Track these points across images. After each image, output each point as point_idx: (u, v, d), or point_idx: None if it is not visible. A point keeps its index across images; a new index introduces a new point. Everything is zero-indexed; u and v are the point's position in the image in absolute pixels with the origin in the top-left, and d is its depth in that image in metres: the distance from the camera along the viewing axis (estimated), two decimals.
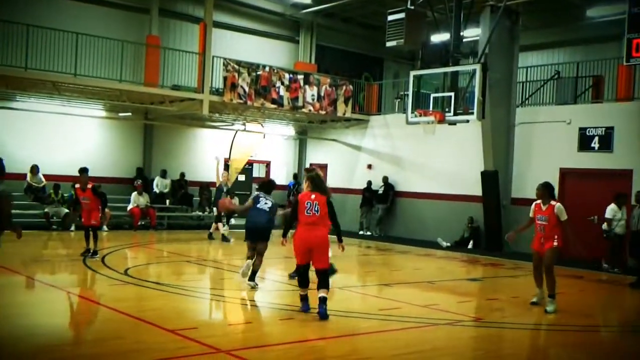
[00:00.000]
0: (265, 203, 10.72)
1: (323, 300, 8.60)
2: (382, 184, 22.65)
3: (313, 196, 8.86)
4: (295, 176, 25.15)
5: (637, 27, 15.36)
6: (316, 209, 8.79)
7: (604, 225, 15.72)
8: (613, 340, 8.59)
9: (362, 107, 24.75)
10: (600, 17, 21.47)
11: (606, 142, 17.43)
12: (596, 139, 17.64)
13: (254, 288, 10.54)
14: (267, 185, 11.14)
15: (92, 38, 19.01)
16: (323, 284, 8.71)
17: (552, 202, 10.03)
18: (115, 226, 20.06)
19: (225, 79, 20.28)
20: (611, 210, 15.54)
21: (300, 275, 8.91)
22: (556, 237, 9.88)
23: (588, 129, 17.82)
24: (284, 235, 9.16)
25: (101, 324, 8.12)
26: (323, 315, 8.50)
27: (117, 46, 19.47)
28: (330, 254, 9.09)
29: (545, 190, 10.07)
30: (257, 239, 10.68)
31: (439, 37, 19.28)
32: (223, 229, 21.63)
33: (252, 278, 10.65)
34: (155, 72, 20.75)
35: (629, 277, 14.07)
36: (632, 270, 14.29)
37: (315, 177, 9.08)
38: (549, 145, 18.65)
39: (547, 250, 9.94)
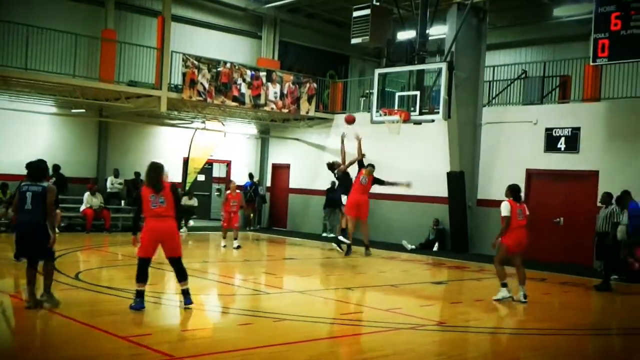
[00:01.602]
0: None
1: (186, 293, 9.20)
2: None
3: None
4: (251, 176, 25.06)
5: (603, 27, 15.66)
6: (161, 200, 8.89)
7: (600, 226, 14.97)
8: (577, 343, 8.74)
9: (326, 105, 24.79)
10: (568, 17, 21.84)
11: (572, 143, 17.73)
12: (563, 139, 17.93)
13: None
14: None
15: (44, 31, 18.70)
16: (181, 274, 9.20)
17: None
18: (66, 228, 19.77)
19: (184, 75, 20.14)
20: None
21: (140, 269, 8.95)
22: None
23: (554, 130, 18.10)
24: (134, 233, 9.19)
25: (49, 331, 7.98)
26: (187, 301, 9.22)
27: (70, 40, 19.19)
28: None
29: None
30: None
31: (405, 35, 19.38)
32: (182, 230, 21.50)
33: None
34: (111, 68, 20.50)
35: (632, 284, 14.14)
36: (634, 277, 14.25)
37: (149, 169, 9.10)
38: (515, 145, 18.89)
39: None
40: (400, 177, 21.21)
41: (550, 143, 18.15)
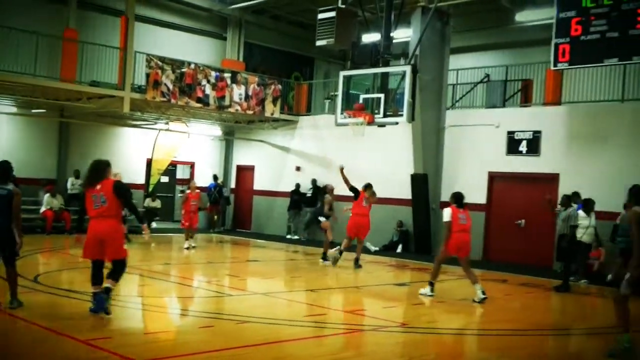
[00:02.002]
0: None
1: (107, 291, 8.59)
2: (311, 186, 22.72)
3: (98, 187, 8.60)
4: (216, 177, 24.95)
5: (564, 33, 15.90)
6: (102, 200, 8.54)
7: (560, 229, 15.12)
8: (538, 344, 8.86)
9: (291, 107, 24.80)
10: (529, 22, 22.13)
11: (534, 146, 17.98)
12: (524, 142, 18.18)
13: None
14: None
15: (3, 29, 18.38)
16: (114, 274, 8.72)
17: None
18: (26, 230, 19.42)
19: (147, 75, 19.97)
20: (580, 217, 15.67)
21: (92, 271, 8.74)
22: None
23: (516, 133, 18.34)
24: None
25: (7, 335, 7.85)
26: (99, 305, 8.46)
27: (31, 38, 18.89)
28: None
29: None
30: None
31: (370, 38, 19.49)
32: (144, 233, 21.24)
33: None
34: (73, 68, 20.22)
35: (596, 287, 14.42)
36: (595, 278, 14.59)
37: (89, 167, 8.81)
38: (478, 148, 19.10)
39: None
40: (364, 179, 21.38)
41: (512, 146, 18.39)
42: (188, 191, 18.03)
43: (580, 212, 14.46)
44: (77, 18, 21.34)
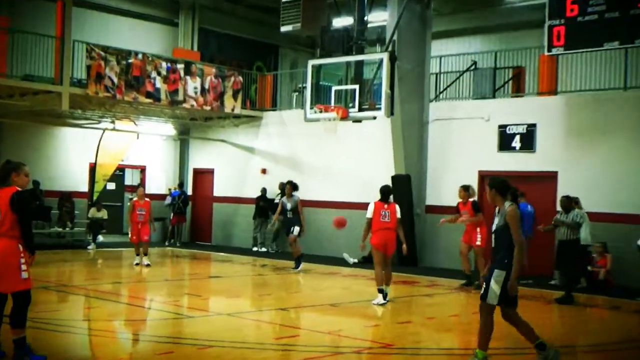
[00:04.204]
0: None
1: (19, 345, 7.39)
2: (279, 191, 22.68)
3: None
4: (181, 185, 24.85)
5: (558, 13, 16.05)
6: None
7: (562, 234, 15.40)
8: None
9: (254, 102, 24.75)
10: (520, 2, 22.37)
11: (528, 141, 18.14)
12: (517, 137, 18.33)
13: None
14: None
15: None
16: (15, 317, 7.43)
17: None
18: None
19: (89, 68, 19.79)
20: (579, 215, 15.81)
21: None
22: None
23: (508, 127, 18.50)
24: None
25: None
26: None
27: None
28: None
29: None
30: None
31: (342, 22, 19.55)
32: (90, 247, 21.14)
33: None
34: (3, 60, 19.95)
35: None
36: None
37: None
38: (466, 144, 19.22)
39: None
40: (338, 182, 21.43)
41: (504, 141, 18.53)
42: (135, 199, 17.86)
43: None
44: (8, 4, 21.11)
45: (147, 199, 17.90)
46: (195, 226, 25.87)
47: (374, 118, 16.93)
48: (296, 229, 17.29)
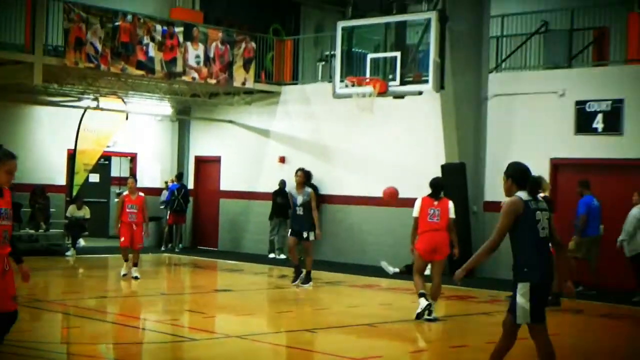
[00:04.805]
0: None
1: None
2: None
3: None
4: (180, 176, 24.85)
5: None
6: None
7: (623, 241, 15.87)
8: None
9: (271, 73, 24.70)
10: None
11: (614, 121, 17.97)
12: (600, 116, 18.17)
13: None
14: None
15: None
16: None
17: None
18: None
19: (67, 32, 19.85)
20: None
21: None
22: None
23: (588, 103, 18.33)
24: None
25: None
26: None
27: None
28: None
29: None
30: None
31: None
32: (69, 253, 21.25)
33: None
34: None
35: None
36: None
37: None
38: (535, 126, 19.06)
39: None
40: (375, 173, 21.35)
41: (583, 122, 18.37)
42: (125, 193, 17.71)
43: None
44: None
45: (140, 194, 17.60)
46: (197, 228, 25.92)
47: (420, 93, 16.86)
48: (311, 234, 16.74)
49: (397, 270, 19.27)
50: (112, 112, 22.99)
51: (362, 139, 21.72)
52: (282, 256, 22.68)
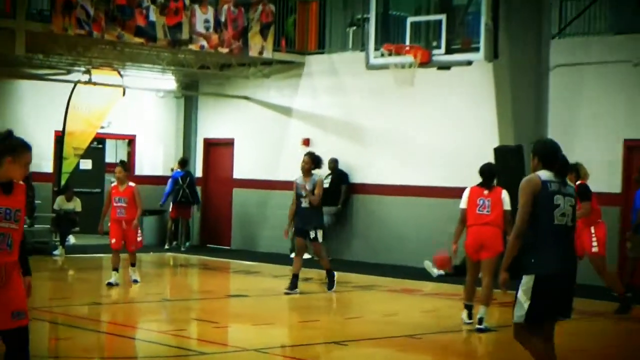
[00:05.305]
0: None
1: None
2: (329, 171, 22.68)
3: None
4: (184, 162, 24.87)
5: None
6: None
7: None
8: None
9: (293, 41, 24.70)
10: None
11: None
12: None
13: None
14: None
15: None
16: None
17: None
18: None
19: None
20: None
21: None
22: None
23: None
24: None
25: None
26: None
27: None
28: None
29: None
30: None
31: None
32: (57, 252, 21.34)
33: None
34: None
35: None
36: None
37: None
38: (606, 101, 19.01)
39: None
40: (416, 157, 21.33)
41: None
42: (113, 184, 17.48)
43: None
44: None
45: (130, 184, 17.12)
46: (206, 222, 26.01)
47: (469, 63, 16.84)
48: (319, 232, 16.56)
49: (442, 272, 19.27)
50: (106, 87, 23.05)
51: (400, 117, 21.68)
52: (307, 256, 22.69)
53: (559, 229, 7.66)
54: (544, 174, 7.80)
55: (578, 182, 15.16)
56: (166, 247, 24.20)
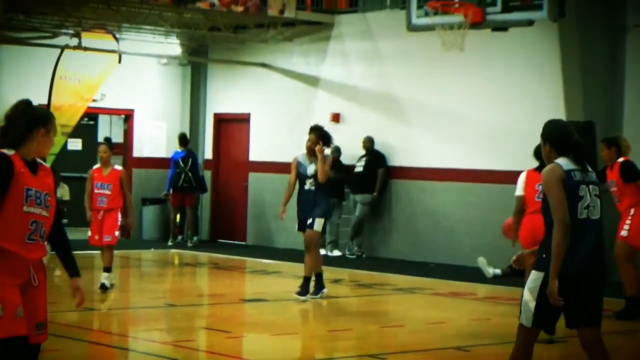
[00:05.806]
0: None
1: None
2: (364, 152, 22.69)
3: None
4: (184, 138, 24.85)
5: None
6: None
7: None
8: None
9: None
10: None
11: None
12: None
13: None
14: None
15: None
16: None
17: None
18: None
19: None
20: None
21: None
22: None
23: None
24: None
25: None
26: None
27: None
28: None
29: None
30: None
31: None
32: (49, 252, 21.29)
33: None
34: None
35: None
36: None
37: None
38: None
39: None
40: (467, 137, 21.28)
41: None
42: (95, 166, 17.24)
43: None
44: None
45: (116, 167, 16.92)
46: (218, 214, 26.08)
47: (530, 23, 16.81)
48: (317, 220, 16.41)
49: (498, 271, 19.23)
50: (99, 53, 23.12)
51: (447, 89, 21.66)
52: (336, 252, 22.75)
53: (582, 223, 7.69)
54: (564, 163, 7.79)
55: (620, 159, 15.15)
56: (170, 242, 24.25)
